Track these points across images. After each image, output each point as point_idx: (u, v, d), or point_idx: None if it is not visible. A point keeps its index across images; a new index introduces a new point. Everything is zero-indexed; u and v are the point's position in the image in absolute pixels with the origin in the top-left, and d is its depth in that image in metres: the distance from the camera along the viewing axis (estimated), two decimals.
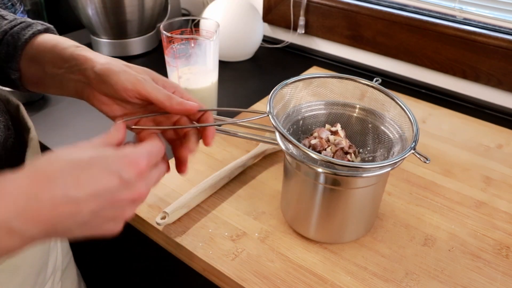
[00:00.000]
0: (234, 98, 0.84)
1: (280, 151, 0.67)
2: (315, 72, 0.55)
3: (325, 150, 0.52)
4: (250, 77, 0.93)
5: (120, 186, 0.33)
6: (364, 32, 0.94)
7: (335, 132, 0.54)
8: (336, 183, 0.48)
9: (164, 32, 0.67)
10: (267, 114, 0.47)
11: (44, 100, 0.82)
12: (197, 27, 0.83)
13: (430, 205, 0.59)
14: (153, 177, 0.38)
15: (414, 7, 0.90)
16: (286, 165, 0.53)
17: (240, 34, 0.94)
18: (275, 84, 0.52)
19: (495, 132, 0.76)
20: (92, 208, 0.32)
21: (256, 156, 0.65)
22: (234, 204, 0.58)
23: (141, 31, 0.99)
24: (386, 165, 0.44)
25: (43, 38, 0.46)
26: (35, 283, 0.45)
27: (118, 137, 0.39)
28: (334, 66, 0.98)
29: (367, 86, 0.54)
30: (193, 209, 0.57)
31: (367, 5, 0.92)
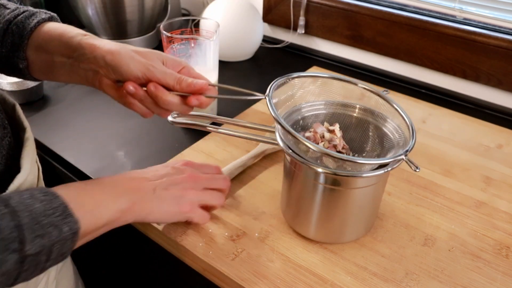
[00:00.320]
0: None
1: (280, 151, 0.67)
2: (315, 72, 0.55)
3: (317, 144, 0.52)
4: (250, 77, 0.93)
5: (173, 171, 0.52)
6: (364, 32, 0.94)
7: (332, 131, 0.54)
8: (336, 183, 0.48)
9: (164, 32, 0.67)
10: (264, 96, 0.48)
11: (44, 100, 0.82)
12: (197, 27, 0.83)
13: (430, 205, 0.59)
14: (205, 176, 0.54)
15: (414, 7, 0.90)
16: (286, 165, 0.53)
17: (240, 34, 0.94)
18: None
19: (495, 132, 0.76)
20: (157, 183, 0.49)
21: (256, 156, 0.65)
22: (234, 204, 0.58)
23: (141, 31, 0.99)
24: (372, 163, 0.44)
25: (49, 26, 0.47)
26: (27, 282, 0.45)
27: None
28: (334, 66, 0.98)
29: (370, 92, 0.54)
30: None
31: (367, 5, 0.92)
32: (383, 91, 0.55)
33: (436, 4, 0.87)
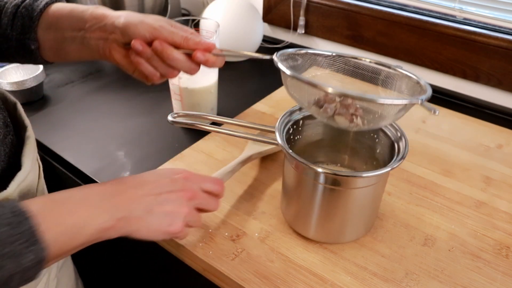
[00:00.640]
0: (234, 98, 0.84)
1: (280, 151, 0.67)
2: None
3: (328, 104, 0.50)
4: (250, 77, 0.93)
5: (170, 182, 0.45)
6: (364, 32, 0.94)
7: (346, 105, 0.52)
8: (336, 183, 0.48)
9: None
10: (270, 57, 0.48)
11: (44, 100, 0.82)
12: (197, 27, 0.84)
13: (430, 205, 0.59)
14: (203, 194, 0.47)
15: (414, 7, 0.90)
16: (286, 165, 0.53)
17: (240, 34, 0.94)
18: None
19: (495, 132, 0.76)
20: (151, 200, 0.43)
21: (243, 162, 0.61)
22: (234, 204, 0.58)
23: None
24: (392, 103, 0.44)
25: (57, 6, 0.49)
26: None
27: None
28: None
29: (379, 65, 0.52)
30: None
31: (367, 5, 0.92)
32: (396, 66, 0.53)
33: (436, 4, 0.87)
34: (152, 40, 0.46)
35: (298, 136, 0.57)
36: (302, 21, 1.00)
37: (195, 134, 0.72)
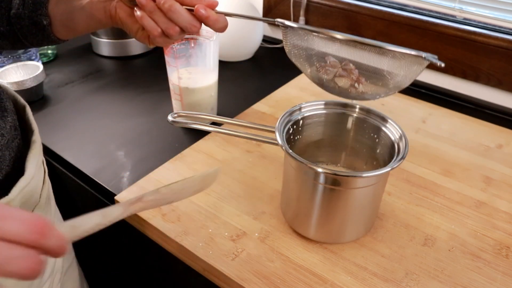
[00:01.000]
0: (234, 98, 0.84)
1: (280, 151, 0.67)
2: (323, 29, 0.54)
3: (328, 70, 0.49)
4: (250, 77, 0.93)
5: None
6: (364, 32, 0.94)
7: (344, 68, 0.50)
8: (336, 183, 0.48)
9: None
10: (274, 20, 0.48)
11: (44, 100, 0.82)
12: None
13: (430, 205, 0.59)
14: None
15: (414, 7, 0.90)
16: (286, 165, 0.53)
17: (240, 34, 0.94)
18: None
19: (495, 132, 0.76)
20: None
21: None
22: (234, 204, 0.58)
23: None
24: (401, 51, 0.43)
25: None
26: (30, 284, 0.45)
27: None
28: None
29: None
30: (193, 209, 0.57)
31: (367, 5, 0.92)
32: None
33: (436, 4, 0.87)
34: None
35: (298, 136, 0.57)
36: (302, 21, 1.00)
37: (195, 134, 0.72)
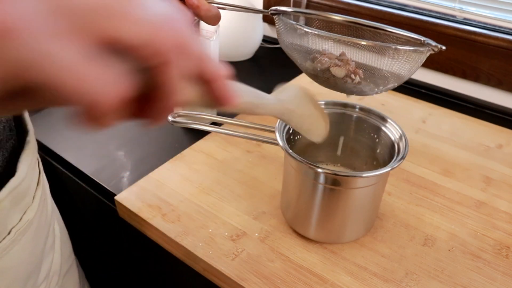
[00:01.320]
0: None
1: (280, 151, 0.67)
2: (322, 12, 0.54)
3: (323, 60, 0.48)
4: (250, 77, 0.93)
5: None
6: (364, 32, 0.94)
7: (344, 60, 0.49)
8: (336, 183, 0.48)
9: None
10: (269, 11, 0.48)
11: None
12: (197, 27, 0.83)
13: (430, 205, 0.59)
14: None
15: (414, 7, 0.90)
16: (286, 165, 0.53)
17: (240, 34, 0.94)
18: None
19: (495, 132, 0.76)
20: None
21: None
22: (234, 204, 0.58)
23: None
24: (403, 34, 0.42)
25: None
26: (24, 285, 0.44)
27: None
28: None
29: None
30: (193, 209, 0.57)
31: (367, 5, 0.92)
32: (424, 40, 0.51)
33: (436, 4, 0.87)
34: None
35: (298, 136, 0.57)
36: (302, 21, 1.00)
37: (195, 134, 0.72)
